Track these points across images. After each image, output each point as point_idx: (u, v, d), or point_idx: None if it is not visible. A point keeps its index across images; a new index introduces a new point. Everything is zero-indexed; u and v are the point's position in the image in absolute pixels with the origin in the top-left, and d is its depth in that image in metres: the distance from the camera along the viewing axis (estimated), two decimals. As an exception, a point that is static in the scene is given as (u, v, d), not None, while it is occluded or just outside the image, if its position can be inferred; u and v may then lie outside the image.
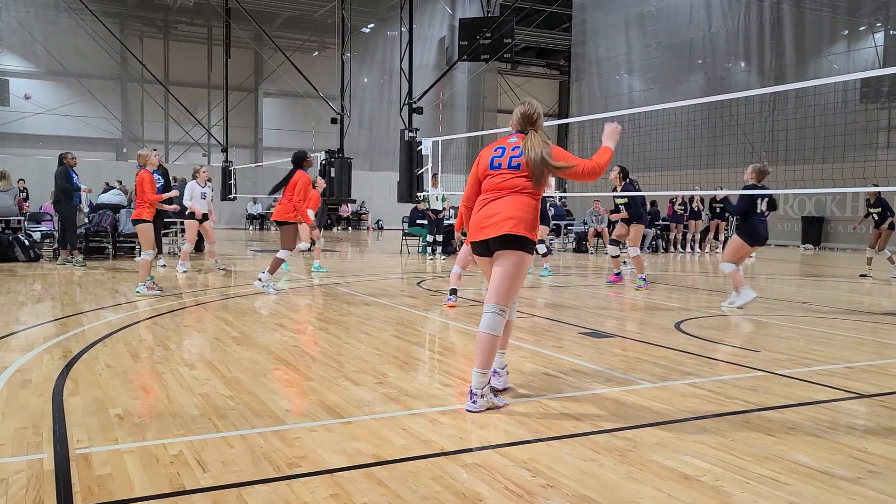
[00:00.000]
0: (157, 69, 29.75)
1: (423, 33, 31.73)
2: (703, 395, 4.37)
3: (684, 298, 9.58)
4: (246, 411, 3.89)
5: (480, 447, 3.39)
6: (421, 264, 14.21)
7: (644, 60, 27.94)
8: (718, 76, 25.00)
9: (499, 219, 4.01)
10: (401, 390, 4.40)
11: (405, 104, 18.63)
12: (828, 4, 22.45)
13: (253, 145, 34.96)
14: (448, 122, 34.11)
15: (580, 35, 30.64)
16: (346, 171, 19.43)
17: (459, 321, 7.22)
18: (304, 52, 33.36)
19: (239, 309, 7.74)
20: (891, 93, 21.63)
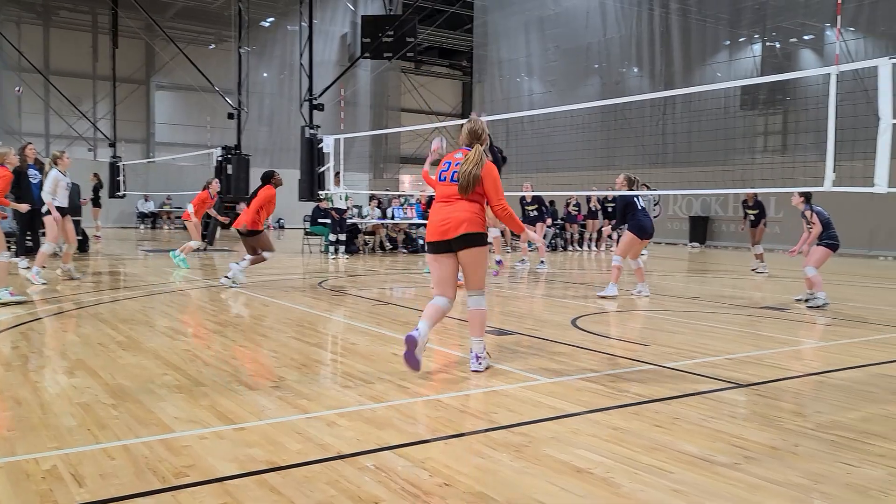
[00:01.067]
0: (35, 58, 27.88)
1: (324, 29, 31.26)
2: (596, 390, 4.51)
3: (581, 296, 9.88)
4: (130, 420, 3.69)
5: (378, 449, 3.35)
6: (323, 264, 13.99)
7: (543, 63, 28.63)
8: (613, 80, 25.94)
9: (454, 223, 4.80)
10: (298, 393, 4.30)
11: (306, 100, 18.29)
12: (711, 16, 23.74)
13: (144, 140, 33.36)
14: (350, 119, 33.73)
15: (482, 36, 31.05)
16: (244, 168, 18.87)
17: (361, 321, 7.15)
18: (200, 45, 32.11)
19: (127, 312, 7.35)
20: (767, 100, 23.13)
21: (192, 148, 28.44)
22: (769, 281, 12.38)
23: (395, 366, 5.11)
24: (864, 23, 19.63)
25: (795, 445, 3.48)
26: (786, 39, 23.03)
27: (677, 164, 20.91)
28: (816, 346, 6.09)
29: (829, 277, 12.87)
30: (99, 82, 30.98)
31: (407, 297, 9.46)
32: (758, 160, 20.97)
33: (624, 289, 9.94)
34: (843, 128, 7.57)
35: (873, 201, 16.57)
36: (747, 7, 22.93)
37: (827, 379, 4.93)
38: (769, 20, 22.69)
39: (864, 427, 3.79)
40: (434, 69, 40.09)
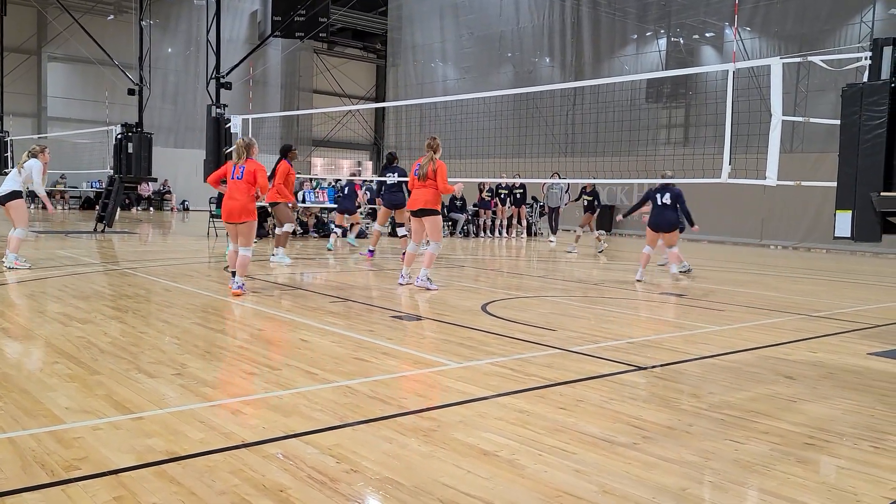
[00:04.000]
0: None
1: (232, 5, 30.19)
2: (504, 374, 4.59)
3: (492, 281, 10.02)
4: (16, 411, 3.48)
5: (284, 436, 3.29)
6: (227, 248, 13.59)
7: (458, 50, 28.69)
8: (526, 70, 26.31)
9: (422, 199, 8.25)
10: (201, 381, 4.17)
11: (212, 78, 17.62)
12: (619, 9, 24.42)
13: (35, 114, 31.31)
14: (260, 99, 32.81)
15: (396, 20, 30.80)
16: (146, 146, 17.98)
17: (269, 307, 7.00)
18: (98, 15, 30.33)
19: (15, 298, 6.91)
20: (671, 94, 24.06)
21: (90, 124, 26.94)
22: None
23: (303, 352, 5.04)
24: (760, 23, 20.70)
25: (689, 425, 3.66)
26: (689, 36, 23.98)
27: (585, 154, 21.45)
28: (710, 331, 6.42)
29: (722, 265, 13.59)
30: (-16, 51, 28.80)
31: (317, 282, 9.33)
32: (661, 151, 21.81)
33: (543, 277, 10.13)
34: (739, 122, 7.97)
35: (765, 193, 17.57)
36: (653, 3, 23.71)
37: (719, 361, 5.21)
38: (674, 17, 23.55)
39: (750, 406, 4.03)
40: (348, 51, 39.49)
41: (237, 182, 7.40)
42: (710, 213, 19.74)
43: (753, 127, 9.11)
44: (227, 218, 7.50)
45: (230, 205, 7.41)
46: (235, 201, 7.37)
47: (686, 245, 18.28)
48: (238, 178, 7.39)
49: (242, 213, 7.39)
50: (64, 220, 20.56)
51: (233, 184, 7.43)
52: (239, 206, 7.36)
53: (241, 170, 7.40)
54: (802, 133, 18.25)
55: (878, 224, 5.32)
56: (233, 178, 7.44)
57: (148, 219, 23.42)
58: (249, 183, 7.38)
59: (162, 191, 29.52)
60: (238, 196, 7.36)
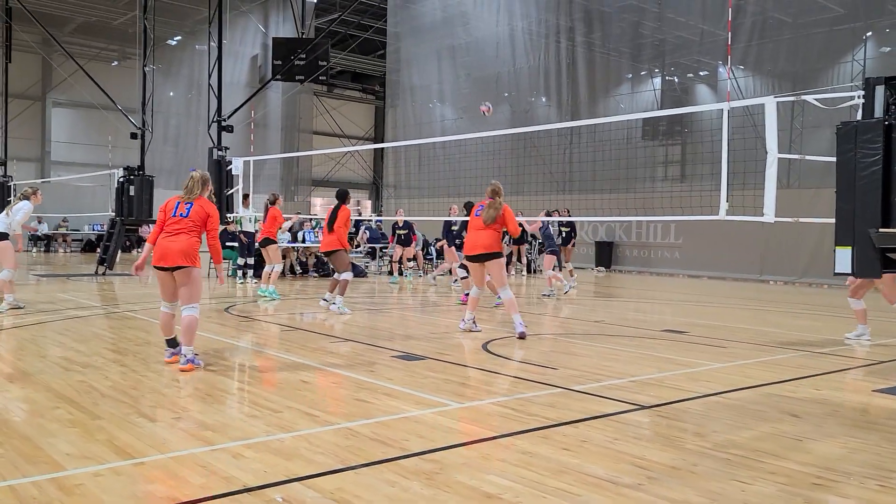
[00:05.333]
0: (-84, 69, 26.03)
1: (234, 49, 30.69)
2: (506, 414, 4.56)
3: (492, 319, 10.01)
4: (16, 458, 3.46)
5: (285, 480, 3.27)
6: (231, 289, 13.59)
7: (455, 91, 29.09)
8: (522, 109, 26.64)
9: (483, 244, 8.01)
10: (202, 425, 4.15)
11: (214, 121, 17.84)
12: (614, 49, 24.82)
13: (39, 159, 31.61)
14: (261, 141, 33.11)
15: (395, 62, 31.29)
16: (148, 189, 18.13)
17: (270, 348, 6.98)
18: (102, 61, 30.86)
19: (16, 342, 6.90)
20: (667, 132, 24.33)
21: (92, 168, 27.22)
22: (670, 305, 12.93)
23: (304, 393, 5.02)
24: (753, 62, 21.02)
25: (694, 465, 3.63)
26: (683, 75, 24.34)
27: (583, 192, 21.62)
28: (713, 368, 6.40)
29: (723, 301, 13.58)
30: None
31: (317, 322, 9.31)
32: (658, 188, 21.96)
33: (543, 315, 10.11)
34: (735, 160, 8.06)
35: (763, 229, 17.63)
36: (647, 43, 24.12)
37: (723, 399, 5.18)
38: (668, 56, 23.94)
39: (756, 445, 4.00)
40: (347, 93, 40.04)
41: (181, 220, 5.89)
42: (708, 249, 19.82)
43: (750, 164, 9.20)
44: (160, 261, 5.86)
45: (167, 245, 5.82)
46: (175, 241, 5.82)
47: (685, 281, 18.38)
48: (183, 215, 5.90)
49: (182, 255, 5.81)
50: (65, 262, 20.61)
51: (174, 222, 5.90)
52: (178, 248, 5.80)
53: (187, 207, 5.95)
54: (799, 169, 18.40)
55: (877, 260, 5.34)
56: (175, 215, 5.93)
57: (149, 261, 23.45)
58: (196, 224, 5.93)
59: (163, 233, 29.61)
60: (179, 236, 5.85)
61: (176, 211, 5.95)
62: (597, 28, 24.63)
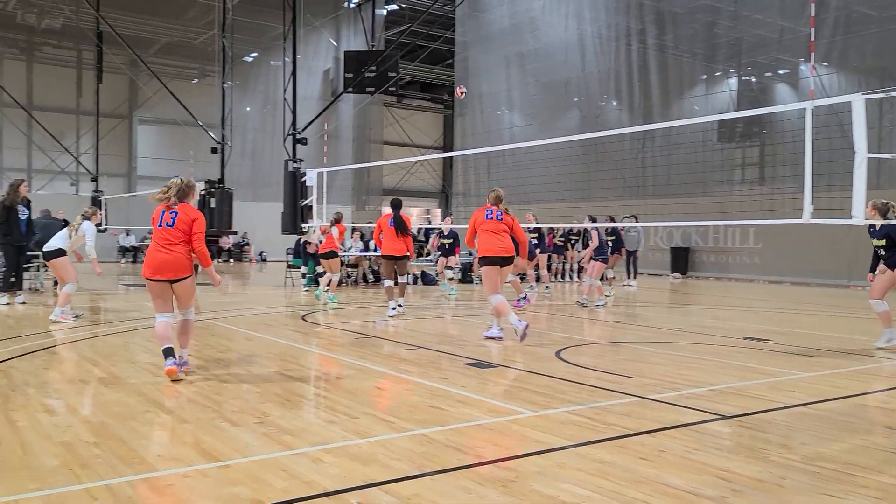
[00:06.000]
0: (18, 93, 27.81)
1: (307, 64, 31.52)
2: (581, 423, 4.51)
3: (564, 327, 9.91)
4: (113, 459, 3.64)
5: (364, 485, 3.33)
6: (306, 297, 13.93)
7: (524, 97, 29.01)
8: (592, 114, 26.32)
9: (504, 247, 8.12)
10: (282, 429, 4.27)
11: (289, 134, 18.37)
12: (687, 51, 24.26)
13: (126, 174, 33.26)
14: (334, 153, 33.87)
15: (462, 71, 31.47)
16: (227, 201, 18.83)
17: (345, 355, 7.11)
18: (183, 80, 32.27)
19: (109, 348, 7.27)
20: (744, 133, 23.56)
21: (175, 182, 28.34)
22: (750, 312, 12.50)
23: (379, 400, 5.10)
24: (837, 58, 20.15)
25: (782, 478, 3.50)
26: (761, 74, 23.56)
27: (657, 196, 21.17)
28: (798, 377, 6.15)
29: (807, 308, 13.02)
30: (82, 117, 30.95)
31: (390, 329, 9.43)
32: (736, 192, 21.29)
33: (618, 322, 9.96)
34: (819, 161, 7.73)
35: (850, 232, 16.84)
36: (722, 43, 23.46)
37: (810, 410, 4.97)
38: (744, 55, 23.22)
39: (847, 458, 3.83)
40: (416, 103, 40.52)
41: (168, 230, 5.84)
42: (790, 254, 19.06)
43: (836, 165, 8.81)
44: (156, 274, 5.82)
45: (161, 257, 5.79)
46: (169, 253, 5.79)
47: (766, 287, 17.73)
48: (169, 225, 5.85)
49: (178, 268, 5.81)
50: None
51: (162, 233, 5.86)
52: (173, 260, 5.79)
53: (172, 216, 5.87)
54: (889, 169, 17.50)
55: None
56: (161, 225, 5.88)
57: (228, 270, 24.28)
58: (184, 232, 5.86)
59: (241, 243, 30.62)
60: (172, 247, 5.81)
61: (162, 221, 5.91)
62: (669, 29, 24.14)
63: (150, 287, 5.94)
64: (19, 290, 11.34)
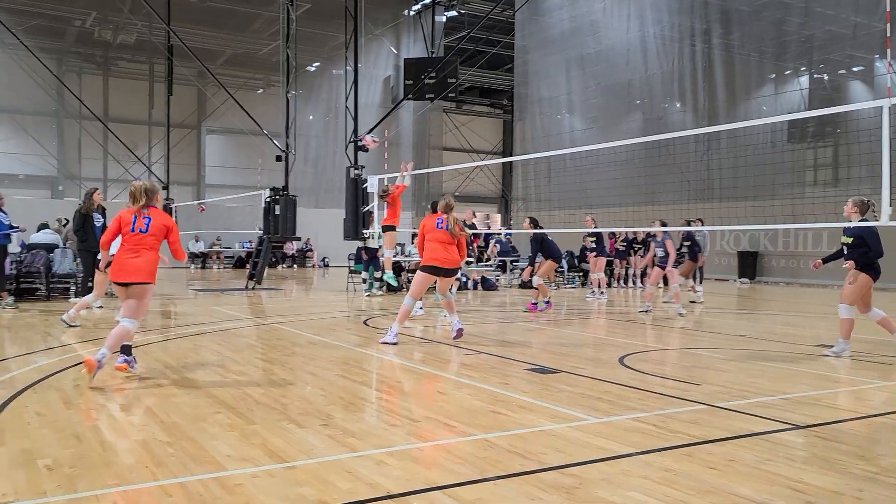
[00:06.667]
0: (95, 106, 29.10)
1: (368, 72, 32.01)
2: (646, 430, 4.43)
3: (627, 333, 9.74)
4: (185, 458, 3.77)
5: (427, 489, 3.35)
6: (368, 302, 14.11)
7: (584, 101, 28.72)
8: (655, 116, 25.85)
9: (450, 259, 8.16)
10: (346, 432, 4.33)
11: (350, 142, 18.67)
12: (755, 49, 23.58)
13: (195, 182, 34.39)
14: (394, 159, 34.19)
15: (522, 76, 31.38)
16: (292, 208, 19.24)
17: (406, 359, 7.17)
18: (249, 90, 33.19)
19: (180, 351, 7.52)
20: (816, 133, 22.72)
21: (242, 189, 29.20)
22: (823, 318, 12.03)
23: (440, 404, 5.12)
24: (915, 54, 19.26)
25: (860, 490, 3.36)
26: (834, 71, 22.70)
27: (724, 199, 20.60)
28: (877, 386, 5.89)
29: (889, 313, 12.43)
30: (154, 128, 32.19)
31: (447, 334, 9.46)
32: (808, 194, 20.53)
33: (683, 328, 9.74)
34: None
35: (931, 235, 16.03)
36: (792, 40, 22.73)
37: (890, 420, 4.76)
38: (816, 52, 22.44)
39: (930, 471, 3.64)
40: (475, 108, 40.60)
41: (140, 236, 5.82)
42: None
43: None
44: (117, 276, 5.80)
45: (126, 260, 5.78)
46: (137, 257, 5.79)
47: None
48: (142, 231, 5.83)
49: (140, 272, 5.77)
50: (219, 278, 22.22)
51: (134, 237, 5.82)
52: (137, 265, 5.77)
53: (146, 222, 5.85)
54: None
55: None
56: (134, 230, 5.83)
57: (292, 275, 24.80)
58: (157, 238, 5.89)
59: (305, 249, 31.25)
60: (139, 254, 5.80)
61: (134, 225, 5.84)
62: (735, 28, 23.53)
63: (117, 290, 5.95)
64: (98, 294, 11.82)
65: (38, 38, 27.15)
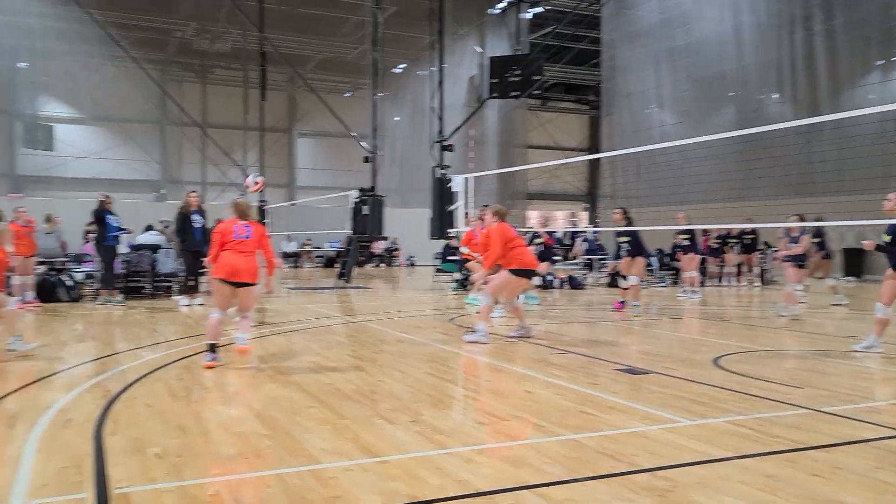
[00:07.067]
0: (194, 112, 30.59)
1: (453, 72, 32.18)
2: (744, 434, 4.27)
3: (722, 333, 9.40)
4: (281, 450, 3.91)
5: (516, 487, 3.34)
6: (454, 301, 14.20)
7: (674, 94, 27.90)
8: (750, 108, 24.80)
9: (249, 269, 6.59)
10: (435, 429, 4.38)
11: (436, 142, 18.84)
12: (860, 35, 22.26)
13: (287, 184, 35.57)
14: (479, 158, 34.32)
15: (609, 70, 30.77)
16: (379, 208, 19.60)
17: (493, 358, 7.17)
18: (337, 93, 34.07)
19: (274, 347, 7.80)
20: (930, 121, 21.24)
21: (331, 190, 29.99)
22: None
23: (529, 404, 5.09)
24: None
25: (982, 504, 3.12)
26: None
27: (827, 193, 19.53)
28: None
29: None
30: (248, 133, 33.52)
31: (538, 332, 9.39)
32: (920, 187, 19.23)
33: (783, 329, 9.34)
34: None
35: None
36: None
37: None
38: (928, 36, 20.99)
39: None
40: (560, 105, 40.15)
41: (246, 241, 6.59)
42: None
43: None
44: (232, 276, 6.47)
45: (241, 262, 6.48)
46: (249, 259, 6.54)
47: None
48: (247, 237, 6.60)
49: (252, 274, 6.55)
50: (310, 277, 22.89)
51: (241, 243, 6.56)
52: (251, 265, 6.55)
53: (248, 229, 6.64)
54: None
55: None
56: (238, 237, 6.56)
57: (380, 274, 25.27)
58: (258, 244, 6.68)
59: (391, 248, 31.76)
60: (250, 255, 6.58)
61: (238, 233, 6.60)
62: (838, 14, 22.27)
63: (217, 286, 6.61)
64: (197, 292, 12.44)
65: (143, 51, 28.75)
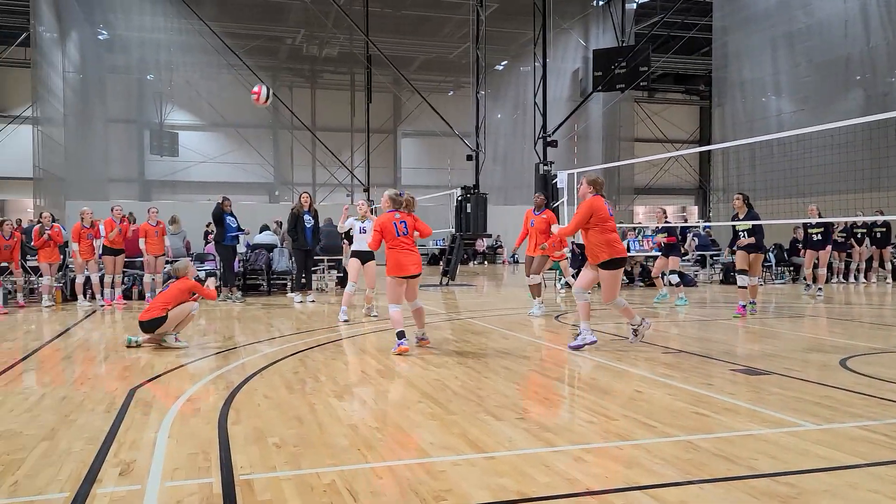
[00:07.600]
0: (304, 116, 31.78)
1: (556, 66, 31.84)
2: (876, 440, 3.99)
3: (850, 333, 8.82)
4: (392, 443, 4.00)
5: (627, 487, 3.28)
6: (559, 298, 14.05)
7: (793, 80, 26.38)
8: (880, 92, 23.09)
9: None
10: (543, 426, 4.36)
11: (539, 138, 18.70)
12: None
13: (392, 184, 36.32)
14: (583, 153, 33.79)
15: (721, 58, 29.47)
16: (482, 206, 19.69)
17: (600, 356, 7.05)
18: (440, 93, 34.45)
19: (383, 343, 8.00)
20: None
21: (435, 189, 30.39)
22: None
23: (639, 403, 4.97)
24: None
25: None
26: None
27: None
28: None
29: None
30: (355, 134, 34.50)
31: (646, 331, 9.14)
32: None
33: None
34: None
35: None
36: None
37: None
38: None
39: None
40: (668, 96, 38.87)
41: (406, 238, 7.26)
42: None
43: None
44: (407, 271, 7.20)
45: (411, 258, 7.23)
46: (410, 256, 7.23)
47: None
48: (405, 233, 7.25)
49: (418, 266, 7.30)
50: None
51: (403, 241, 7.23)
52: (414, 261, 7.25)
53: (403, 224, 7.27)
54: None
55: None
56: (399, 235, 7.22)
57: (483, 272, 25.35)
58: (413, 237, 7.36)
59: (495, 245, 31.79)
60: (412, 252, 7.26)
61: (398, 229, 7.21)
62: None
63: (395, 281, 7.25)
64: (309, 289, 12.93)
65: (256, 58, 30.15)
